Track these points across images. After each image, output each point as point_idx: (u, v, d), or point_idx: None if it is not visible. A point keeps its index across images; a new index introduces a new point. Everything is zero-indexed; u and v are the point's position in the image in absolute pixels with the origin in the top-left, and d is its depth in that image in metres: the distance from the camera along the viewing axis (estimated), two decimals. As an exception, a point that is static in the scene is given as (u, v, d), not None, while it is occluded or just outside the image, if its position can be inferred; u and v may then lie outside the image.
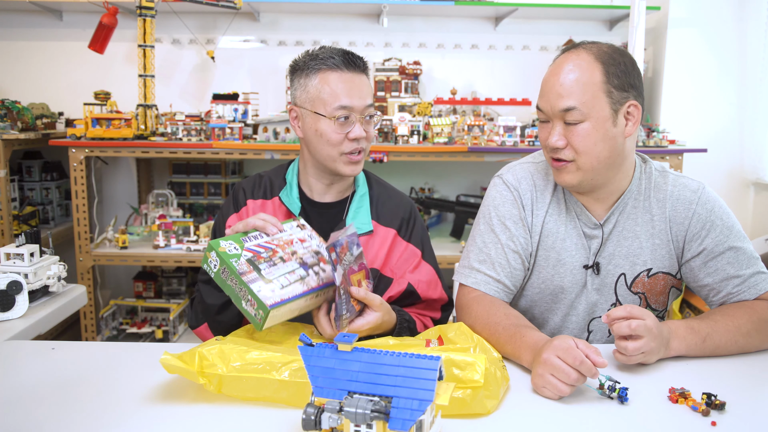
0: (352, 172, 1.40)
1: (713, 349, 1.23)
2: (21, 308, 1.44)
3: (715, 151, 3.16)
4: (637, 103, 1.27)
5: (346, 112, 1.35)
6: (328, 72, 1.36)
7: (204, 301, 1.35)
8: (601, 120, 1.24)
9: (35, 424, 0.95)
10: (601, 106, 1.24)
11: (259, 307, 1.07)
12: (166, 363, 1.01)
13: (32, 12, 3.37)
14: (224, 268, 1.10)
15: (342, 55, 1.37)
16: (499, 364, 1.09)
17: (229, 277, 1.10)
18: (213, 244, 1.12)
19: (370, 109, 1.39)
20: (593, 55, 1.26)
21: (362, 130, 1.37)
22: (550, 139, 1.28)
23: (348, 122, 1.36)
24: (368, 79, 1.43)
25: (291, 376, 0.99)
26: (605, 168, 1.29)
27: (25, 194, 3.28)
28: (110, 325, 3.16)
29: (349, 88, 1.36)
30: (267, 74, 3.46)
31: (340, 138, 1.36)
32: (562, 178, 1.31)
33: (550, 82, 1.27)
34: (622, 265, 1.39)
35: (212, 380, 1.01)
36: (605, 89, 1.24)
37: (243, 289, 1.08)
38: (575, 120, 1.24)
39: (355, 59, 1.39)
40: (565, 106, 1.24)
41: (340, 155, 1.37)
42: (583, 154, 1.26)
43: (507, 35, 3.50)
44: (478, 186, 3.57)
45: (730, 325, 1.24)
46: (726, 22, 3.24)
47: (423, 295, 1.43)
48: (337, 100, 1.35)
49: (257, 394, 1.01)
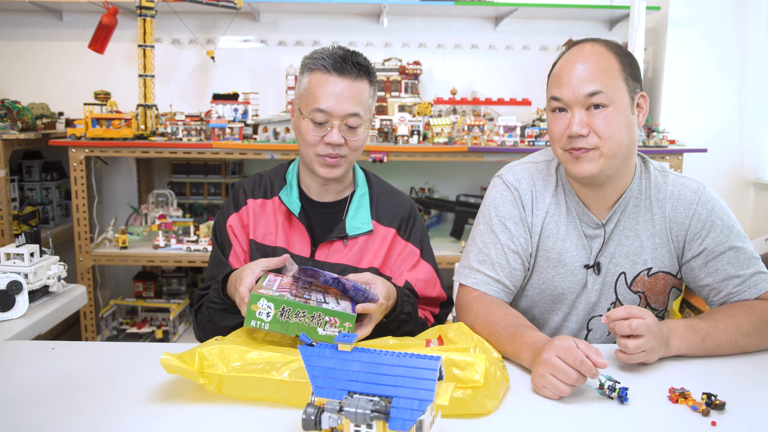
0: (327, 174, 1.39)
1: (713, 348, 1.23)
2: (21, 308, 1.44)
3: (715, 151, 3.16)
4: (645, 95, 1.31)
5: (323, 116, 1.34)
6: (317, 73, 1.36)
7: (218, 325, 1.32)
8: (623, 106, 1.26)
9: (35, 424, 0.95)
10: (622, 92, 1.26)
11: (343, 320, 1.08)
12: (166, 363, 1.01)
13: (32, 12, 3.37)
14: (282, 308, 1.08)
15: (336, 58, 1.35)
16: (499, 364, 1.09)
17: (293, 315, 1.08)
18: (254, 296, 1.08)
19: (354, 118, 1.36)
20: (605, 46, 1.29)
21: (340, 137, 1.35)
22: (571, 127, 1.26)
23: (325, 126, 1.35)
24: (368, 86, 1.39)
25: (291, 376, 0.99)
26: (622, 157, 1.29)
27: (25, 194, 3.28)
28: (110, 325, 3.16)
29: (331, 92, 1.34)
30: (267, 74, 3.46)
31: (316, 140, 1.36)
32: (583, 167, 1.28)
33: (569, 70, 1.27)
34: (623, 264, 1.39)
35: (212, 380, 1.01)
36: (623, 76, 1.26)
37: (317, 314, 1.08)
38: (601, 103, 1.24)
39: (348, 65, 1.35)
40: (591, 90, 1.24)
41: (316, 156, 1.38)
42: (608, 139, 1.25)
43: (507, 35, 3.50)
44: (478, 186, 3.57)
45: (730, 325, 1.24)
46: (726, 22, 3.24)
47: (421, 293, 1.43)
48: (316, 102, 1.34)
49: (257, 394, 1.01)
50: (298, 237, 1.44)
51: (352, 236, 1.43)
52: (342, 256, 1.42)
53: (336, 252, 1.42)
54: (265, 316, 1.07)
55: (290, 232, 1.44)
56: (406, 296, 1.33)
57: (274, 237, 1.43)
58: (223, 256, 1.45)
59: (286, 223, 1.44)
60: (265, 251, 1.43)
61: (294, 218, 1.44)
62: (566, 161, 1.32)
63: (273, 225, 1.45)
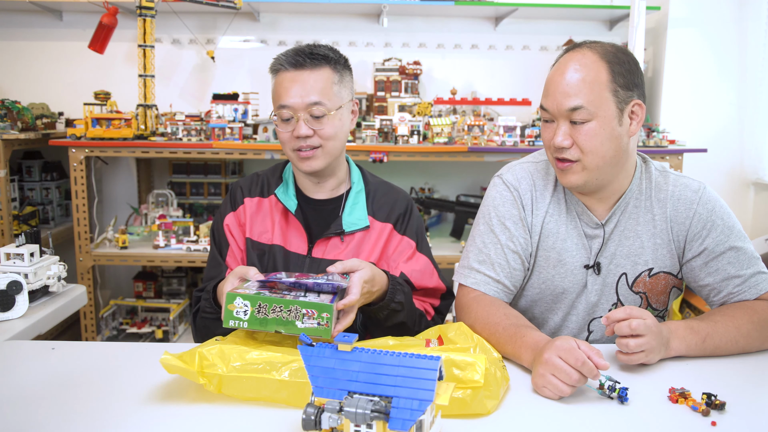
0: (308, 168, 1.40)
1: (713, 349, 1.23)
2: (21, 308, 1.44)
3: (715, 151, 3.16)
4: (641, 103, 1.28)
5: (288, 111, 1.36)
6: (279, 73, 1.40)
7: (214, 333, 1.30)
8: (607, 119, 1.24)
9: (35, 424, 0.95)
10: (608, 105, 1.23)
11: (321, 311, 1.06)
12: (166, 363, 1.01)
13: (32, 12, 3.37)
14: (258, 305, 1.07)
15: (291, 54, 1.38)
16: (499, 365, 1.09)
17: (269, 310, 1.07)
18: (230, 296, 1.08)
19: (317, 107, 1.36)
20: (598, 54, 1.25)
21: (307, 128, 1.36)
22: (555, 139, 1.27)
23: (291, 122, 1.37)
24: (329, 73, 1.38)
25: (291, 376, 0.99)
26: (610, 167, 1.28)
27: (25, 194, 3.28)
28: (110, 325, 3.16)
29: (289, 87, 1.36)
30: (267, 74, 3.40)
31: (287, 137, 1.38)
32: (567, 179, 1.30)
33: (556, 81, 1.26)
34: (624, 264, 1.39)
35: (212, 380, 1.01)
36: (611, 88, 1.23)
37: (293, 307, 1.07)
38: (582, 119, 1.24)
39: (301, 56, 1.37)
40: (572, 105, 1.23)
41: (293, 152, 1.39)
42: (590, 153, 1.25)
43: (507, 35, 3.50)
44: (478, 186, 3.57)
45: (730, 326, 1.24)
46: (726, 22, 3.24)
47: (417, 284, 1.43)
48: (279, 99, 1.38)
49: (257, 394, 1.01)
50: (295, 234, 1.44)
51: (348, 232, 1.43)
52: (339, 253, 1.42)
53: (333, 248, 1.42)
54: (242, 315, 1.07)
55: (287, 230, 1.44)
56: (399, 285, 1.32)
57: (270, 235, 1.44)
58: (220, 255, 1.45)
59: (282, 220, 1.45)
60: (261, 249, 1.43)
61: (291, 216, 1.44)
62: (555, 170, 1.34)
63: (270, 223, 1.45)
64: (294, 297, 1.09)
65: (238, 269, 1.21)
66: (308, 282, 1.14)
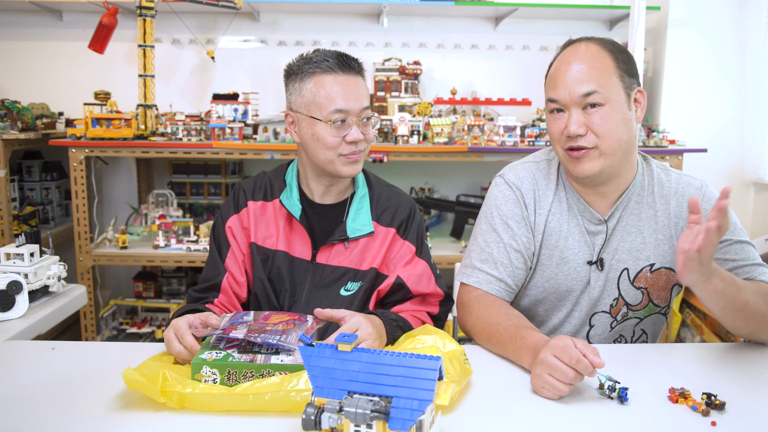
0: (353, 171, 1.40)
1: (743, 304, 1.20)
2: (21, 308, 1.44)
3: (715, 151, 3.16)
4: (642, 90, 1.33)
5: (342, 115, 1.34)
6: (322, 75, 1.35)
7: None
8: (619, 103, 1.27)
9: (35, 424, 0.95)
10: (617, 89, 1.27)
11: (293, 372, 1.01)
12: (128, 377, 0.97)
13: (32, 12, 3.36)
14: (228, 372, 1.03)
15: (336, 57, 1.36)
16: (461, 358, 1.10)
17: (240, 376, 1.03)
18: (196, 365, 1.03)
19: (367, 111, 1.38)
20: (599, 44, 1.31)
21: (359, 132, 1.36)
22: (569, 128, 1.28)
23: (344, 125, 1.35)
24: (364, 80, 1.41)
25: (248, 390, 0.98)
26: (623, 153, 1.31)
27: (25, 194, 3.28)
28: (110, 325, 3.17)
29: (344, 91, 1.34)
30: (267, 74, 3.46)
31: (337, 141, 1.36)
32: (583, 167, 1.30)
33: (564, 71, 1.29)
34: (626, 260, 1.39)
35: (172, 397, 0.98)
36: (617, 74, 1.28)
37: (266, 371, 1.03)
38: (597, 102, 1.26)
39: (349, 61, 1.37)
40: (586, 90, 1.26)
41: (338, 157, 1.37)
42: (605, 137, 1.27)
43: (507, 35, 3.50)
44: (478, 186, 3.57)
45: (756, 290, 1.24)
46: (726, 22, 3.23)
47: (413, 288, 1.41)
48: (332, 103, 1.34)
49: (222, 408, 0.99)
50: (299, 240, 1.43)
51: (353, 238, 1.42)
52: (343, 259, 1.42)
53: (337, 254, 1.42)
54: (212, 382, 1.03)
55: (291, 235, 1.44)
56: (394, 321, 1.31)
57: (275, 240, 1.43)
58: (219, 257, 1.44)
59: (287, 226, 1.44)
60: (266, 254, 1.42)
61: (295, 221, 1.43)
62: (567, 162, 1.33)
63: (274, 228, 1.44)
64: (264, 359, 1.04)
65: (196, 316, 1.18)
66: (257, 341, 1.07)
